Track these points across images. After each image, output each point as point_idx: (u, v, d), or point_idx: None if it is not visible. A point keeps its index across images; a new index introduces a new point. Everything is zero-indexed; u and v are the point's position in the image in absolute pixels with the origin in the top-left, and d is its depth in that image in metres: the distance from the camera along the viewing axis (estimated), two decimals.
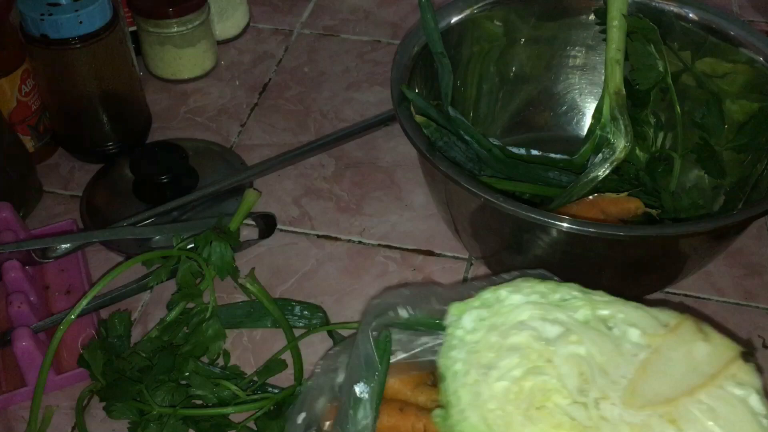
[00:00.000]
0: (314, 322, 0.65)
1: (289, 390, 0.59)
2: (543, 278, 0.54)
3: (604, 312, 0.47)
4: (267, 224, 0.73)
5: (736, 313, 0.67)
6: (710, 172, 0.68)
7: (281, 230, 0.74)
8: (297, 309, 0.65)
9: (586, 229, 0.54)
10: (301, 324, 0.65)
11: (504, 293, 0.49)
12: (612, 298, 0.48)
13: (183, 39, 0.86)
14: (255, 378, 0.60)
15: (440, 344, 0.51)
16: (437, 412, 0.47)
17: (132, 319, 0.65)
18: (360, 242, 0.73)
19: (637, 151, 0.70)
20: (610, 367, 0.45)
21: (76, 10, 0.70)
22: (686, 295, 0.68)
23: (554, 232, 0.57)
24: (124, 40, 0.77)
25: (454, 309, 0.49)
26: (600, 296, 0.48)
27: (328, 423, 0.53)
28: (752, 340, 0.65)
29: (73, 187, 0.78)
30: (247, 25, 0.98)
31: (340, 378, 0.53)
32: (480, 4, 0.73)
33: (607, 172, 0.65)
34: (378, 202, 0.77)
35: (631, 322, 0.47)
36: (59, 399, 0.61)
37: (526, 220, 0.56)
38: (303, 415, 0.53)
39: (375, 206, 0.76)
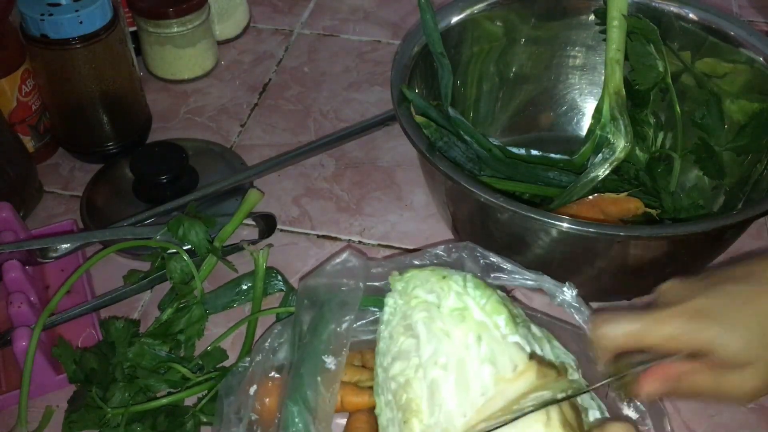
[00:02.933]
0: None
1: (231, 370, 0.58)
2: (469, 250, 0.56)
3: (480, 331, 0.46)
4: (267, 224, 0.73)
5: None
6: (709, 172, 0.68)
7: (281, 230, 0.74)
8: (280, 277, 0.68)
9: (586, 229, 0.54)
10: (285, 289, 0.68)
11: (411, 285, 0.50)
12: (498, 306, 0.47)
13: (183, 39, 0.86)
14: (200, 361, 0.61)
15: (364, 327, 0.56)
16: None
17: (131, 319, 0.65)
18: (360, 242, 0.73)
19: (637, 151, 0.70)
20: (460, 397, 0.45)
21: (76, 11, 0.70)
22: None
23: (554, 232, 0.57)
24: (124, 40, 0.77)
25: (392, 279, 0.51)
26: (490, 301, 0.47)
27: (267, 399, 0.54)
28: None
29: (73, 187, 0.78)
30: (247, 25, 0.98)
31: (281, 356, 0.56)
32: (480, 4, 0.73)
33: (607, 172, 0.65)
34: (378, 202, 0.77)
35: (491, 358, 0.45)
36: (59, 399, 0.60)
37: (526, 220, 0.56)
38: (237, 398, 0.54)
39: (375, 206, 0.76)
